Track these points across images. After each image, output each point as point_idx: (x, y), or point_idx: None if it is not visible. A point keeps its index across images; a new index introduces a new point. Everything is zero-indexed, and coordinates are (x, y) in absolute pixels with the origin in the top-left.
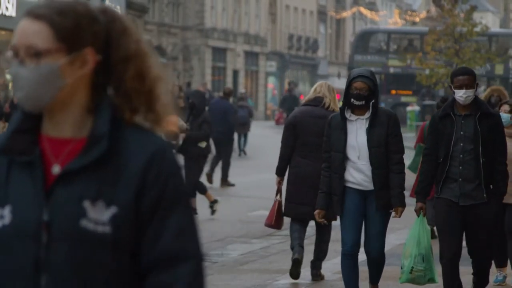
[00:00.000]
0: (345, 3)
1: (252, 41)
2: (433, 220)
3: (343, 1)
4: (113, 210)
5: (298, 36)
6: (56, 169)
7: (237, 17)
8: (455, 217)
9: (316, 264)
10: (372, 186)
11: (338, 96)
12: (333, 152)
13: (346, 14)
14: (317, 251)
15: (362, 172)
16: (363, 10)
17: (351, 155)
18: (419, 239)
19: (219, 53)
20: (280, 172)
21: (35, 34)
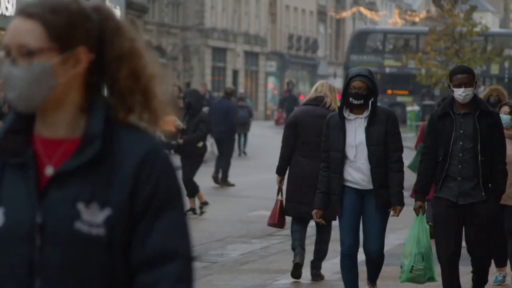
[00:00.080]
0: (345, 3)
1: (252, 41)
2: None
3: (343, 1)
4: (107, 212)
5: (298, 36)
6: (49, 170)
7: (237, 17)
8: (454, 216)
9: (316, 264)
10: (371, 185)
11: (339, 95)
12: (332, 152)
13: (346, 14)
14: (317, 251)
15: (361, 171)
16: (363, 10)
17: (350, 154)
18: (419, 238)
19: (219, 53)
20: (281, 172)
21: (27, 33)
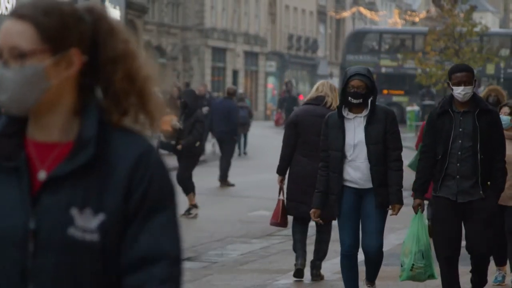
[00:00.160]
0: (344, 3)
1: (252, 41)
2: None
3: (343, 1)
4: (101, 217)
5: (297, 36)
6: (42, 175)
7: (236, 17)
8: (453, 215)
9: (316, 264)
10: (369, 184)
11: None
12: (331, 151)
13: (346, 14)
14: (317, 251)
15: (360, 170)
16: (362, 10)
17: (349, 153)
18: (418, 236)
19: (218, 53)
20: (282, 171)
21: (19, 35)
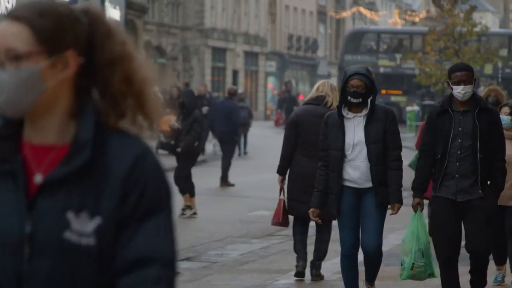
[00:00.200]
0: (344, 3)
1: (252, 41)
2: None
3: (343, 1)
4: (97, 221)
5: (297, 36)
6: (38, 178)
7: (236, 17)
8: (452, 215)
9: (316, 264)
10: (368, 184)
11: None
12: (331, 150)
13: (346, 14)
14: (317, 251)
15: (359, 169)
16: (362, 10)
17: (349, 153)
18: (418, 235)
19: (218, 53)
20: (282, 171)
21: (15, 37)
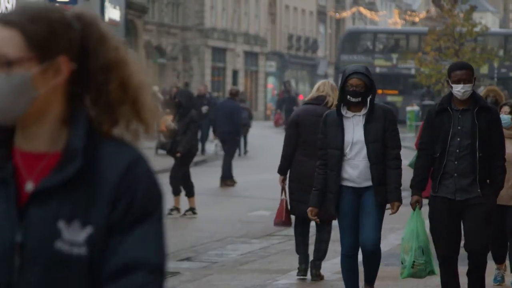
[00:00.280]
0: (344, 3)
1: (252, 41)
2: None
3: (343, 1)
4: (88, 230)
5: (297, 36)
6: (29, 186)
7: (236, 17)
8: (452, 214)
9: (315, 264)
10: (367, 183)
11: None
12: (330, 149)
13: (346, 14)
14: (316, 251)
15: (358, 168)
16: (362, 10)
17: (348, 152)
18: (418, 232)
19: (218, 53)
20: (283, 171)
21: (6, 42)
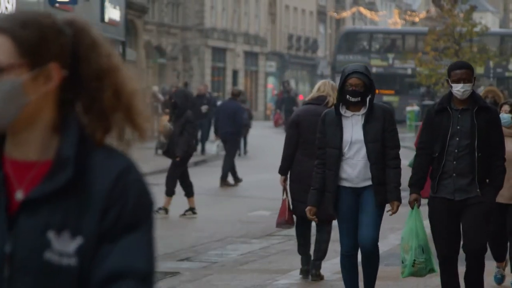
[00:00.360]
0: (344, 3)
1: (252, 41)
2: None
3: (343, 1)
4: (79, 241)
5: (297, 36)
6: (19, 195)
7: (236, 17)
8: (451, 215)
9: (315, 264)
10: (365, 182)
11: None
12: (328, 149)
13: (346, 14)
14: (316, 251)
15: (357, 168)
16: (362, 10)
17: (347, 151)
18: (417, 231)
19: (218, 53)
20: (284, 172)
21: None
